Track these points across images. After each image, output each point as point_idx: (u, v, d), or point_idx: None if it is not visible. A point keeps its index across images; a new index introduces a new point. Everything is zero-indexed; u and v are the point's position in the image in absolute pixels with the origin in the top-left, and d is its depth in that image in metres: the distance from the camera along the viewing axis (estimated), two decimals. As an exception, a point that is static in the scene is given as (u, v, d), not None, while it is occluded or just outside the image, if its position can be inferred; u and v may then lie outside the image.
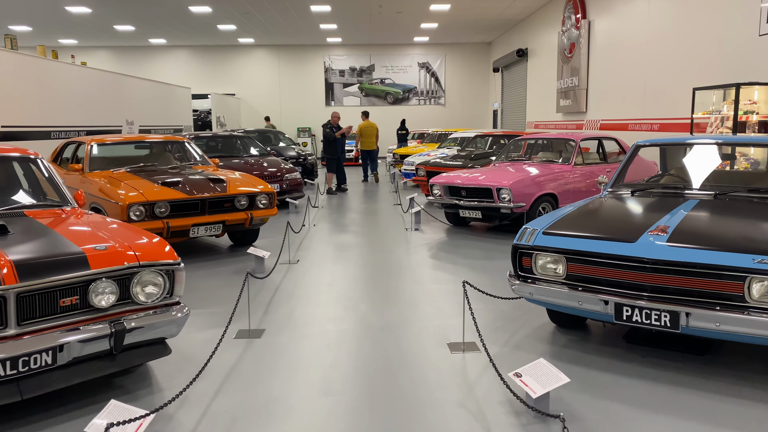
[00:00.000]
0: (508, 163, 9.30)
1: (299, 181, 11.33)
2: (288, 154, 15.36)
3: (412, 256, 7.13)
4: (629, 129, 12.54)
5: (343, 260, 6.98)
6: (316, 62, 26.67)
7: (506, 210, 7.82)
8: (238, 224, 7.10)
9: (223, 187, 7.03)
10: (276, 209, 7.39)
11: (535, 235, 3.96)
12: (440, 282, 5.91)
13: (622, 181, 5.23)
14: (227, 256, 7.25)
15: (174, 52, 26.39)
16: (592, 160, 9.24)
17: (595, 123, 14.53)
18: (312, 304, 5.25)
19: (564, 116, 16.72)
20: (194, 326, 4.69)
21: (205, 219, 6.80)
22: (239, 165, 11.06)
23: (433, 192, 8.71)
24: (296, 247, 7.73)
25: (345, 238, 8.32)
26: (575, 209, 4.43)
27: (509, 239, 8.01)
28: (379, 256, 7.12)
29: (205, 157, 8.61)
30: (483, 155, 11.67)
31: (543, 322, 4.61)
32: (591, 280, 3.75)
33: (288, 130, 26.33)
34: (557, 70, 16.80)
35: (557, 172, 8.39)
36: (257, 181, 7.46)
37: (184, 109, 19.73)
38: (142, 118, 15.61)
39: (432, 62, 26.85)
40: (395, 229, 8.99)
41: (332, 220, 9.99)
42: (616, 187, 5.12)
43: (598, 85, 14.37)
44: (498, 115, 24.87)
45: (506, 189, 7.76)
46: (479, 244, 7.74)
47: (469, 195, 8.21)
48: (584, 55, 14.92)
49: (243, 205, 7.12)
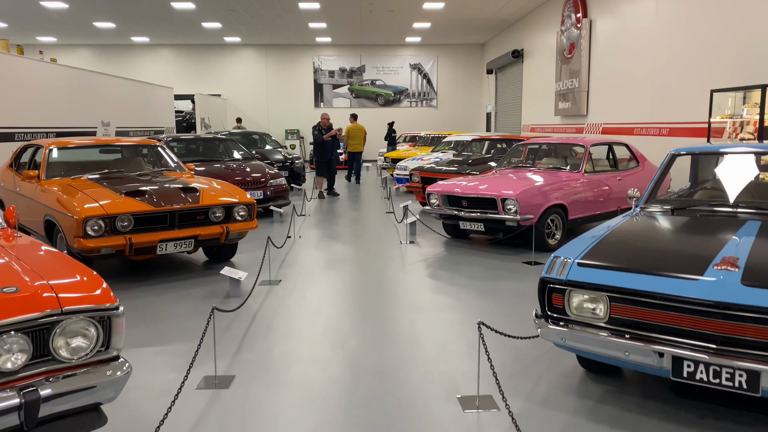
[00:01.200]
0: (511, 170, 8.56)
1: (285, 187, 10.54)
2: (274, 158, 14.54)
3: (409, 274, 6.36)
4: (635, 133, 11.85)
5: (331, 280, 6.19)
6: (304, 63, 25.87)
7: (512, 222, 7.07)
8: (213, 239, 6.30)
9: (195, 198, 6.23)
10: (256, 222, 6.59)
11: (569, 267, 3.20)
12: (442, 309, 5.14)
13: (656, 196, 4.49)
14: (200, 274, 6.45)
15: (158, 51, 25.49)
16: (601, 167, 8.53)
17: (596, 127, 13.85)
18: (293, 339, 4.47)
19: (563, 119, 16.03)
20: (151, 370, 3.90)
21: (175, 234, 6.00)
22: (220, 170, 10.25)
23: (430, 201, 7.95)
24: (279, 263, 6.93)
25: (333, 252, 7.54)
26: (610, 232, 3.68)
27: (514, 254, 7.27)
28: (371, 275, 6.34)
29: (179, 162, 7.80)
30: (481, 160, 10.93)
31: (570, 366, 3.86)
32: (641, 325, 3.00)
33: (276, 133, 25.49)
34: (556, 72, 16.12)
35: (566, 181, 7.66)
36: (235, 191, 6.66)
37: (166, 109, 18.87)
38: (120, 119, 14.75)
39: (424, 63, 26.12)
40: (389, 241, 8.22)
41: (320, 230, 9.20)
42: (651, 203, 4.37)
43: (600, 87, 13.69)
44: (491, 117, 24.18)
45: (512, 199, 7.01)
46: (482, 260, 6.99)
47: (471, 205, 7.46)
48: (585, 55, 14.24)
49: (218, 218, 6.33)
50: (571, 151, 9.95)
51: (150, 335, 4.56)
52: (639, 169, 8.92)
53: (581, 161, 8.13)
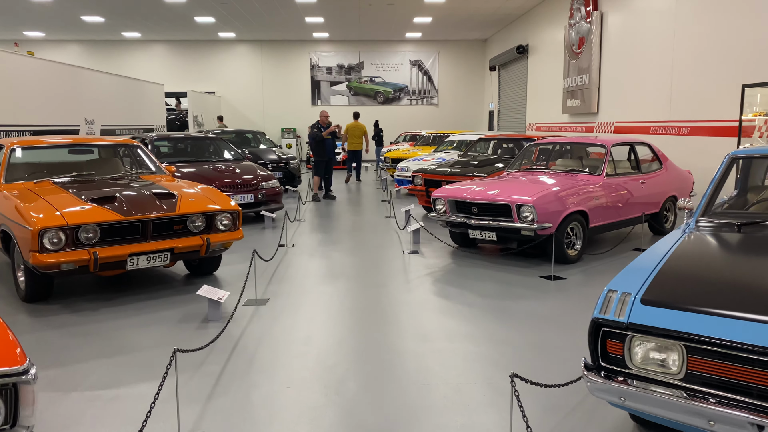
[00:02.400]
0: (524, 172, 7.83)
1: (278, 190, 9.80)
2: (268, 158, 13.80)
3: (413, 292, 5.62)
4: (651, 132, 11.13)
5: (326, 299, 5.46)
6: (301, 59, 25.11)
7: (528, 232, 6.34)
8: (192, 252, 5.56)
9: (171, 205, 5.49)
10: (241, 232, 5.85)
11: (629, 306, 2.48)
12: (455, 338, 4.41)
13: (712, 208, 3.76)
14: (179, 291, 5.71)
15: (150, 47, 24.72)
16: (623, 169, 7.80)
17: (608, 125, 13.12)
18: (279, 379, 3.73)
19: (571, 118, 15.30)
20: (103, 422, 3.16)
21: (148, 246, 5.26)
22: (207, 171, 9.51)
23: (436, 207, 7.22)
24: (268, 277, 6.20)
25: (329, 265, 6.81)
26: (671, 256, 2.94)
27: (529, 267, 6.54)
28: (371, 294, 5.60)
29: (158, 164, 7.06)
30: (489, 162, 10.20)
31: (617, 419, 3.13)
32: (731, 386, 2.27)
33: (271, 132, 24.75)
34: (564, 68, 15.39)
35: (586, 185, 6.93)
36: (218, 197, 5.92)
37: (157, 107, 18.10)
38: (106, 116, 13.98)
39: (424, 60, 25.38)
40: (390, 251, 7.49)
41: (315, 237, 8.46)
42: (708, 217, 3.64)
43: (612, 83, 12.96)
44: (494, 116, 23.46)
45: (529, 206, 6.28)
46: (494, 274, 6.26)
47: (482, 212, 6.73)
48: (596, 50, 13.51)
49: (198, 228, 5.59)
50: (586, 152, 9.23)
51: (110, 373, 3.82)
52: (662, 171, 8.20)
53: (601, 163, 7.41)
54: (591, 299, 5.34)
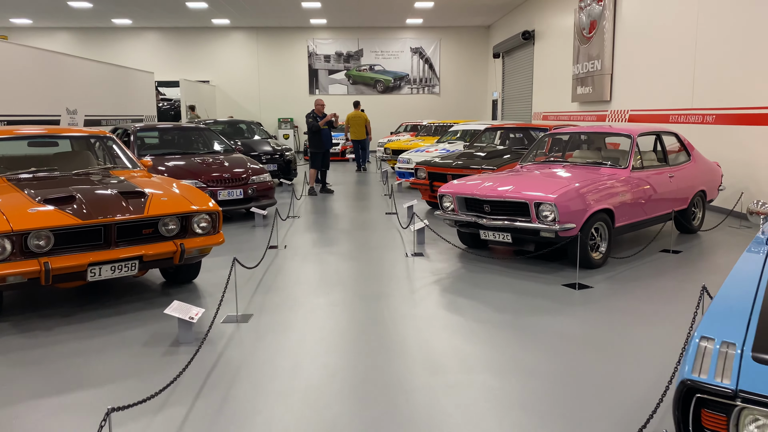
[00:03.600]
0: (539, 165, 7.09)
1: (270, 184, 9.06)
2: (261, 149, 13.06)
3: (420, 305, 4.90)
4: (671, 121, 10.38)
5: (319, 315, 4.73)
6: (298, 46, 24.28)
7: (549, 233, 5.61)
8: (164, 259, 4.84)
9: (140, 206, 4.75)
10: (221, 236, 5.12)
11: (737, 364, 1.74)
12: (472, 368, 3.68)
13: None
14: (150, 303, 4.98)
15: (141, 34, 23.88)
16: (648, 161, 7.06)
17: (621, 114, 12.36)
18: (257, 429, 3.01)
19: (581, 106, 14.54)
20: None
21: (111, 254, 4.53)
22: (193, 165, 8.78)
23: (443, 204, 6.48)
24: (253, 287, 5.47)
25: (324, 270, 6.08)
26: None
27: (548, 272, 5.81)
28: (371, 308, 4.88)
29: (132, 157, 6.32)
30: (497, 153, 9.45)
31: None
32: None
33: (268, 122, 23.98)
34: (573, 54, 14.60)
35: (611, 180, 6.19)
36: (195, 195, 5.18)
37: (147, 96, 17.32)
38: (90, 106, 13.23)
39: (426, 47, 24.55)
40: (392, 253, 6.77)
41: (309, 237, 7.74)
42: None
43: (626, 69, 12.18)
44: (498, 105, 22.67)
45: (549, 204, 5.54)
46: (510, 282, 5.53)
47: (495, 211, 5.99)
48: (608, 34, 12.73)
49: (171, 231, 4.86)
50: (604, 143, 8.49)
51: (42, 422, 3.10)
52: (690, 163, 7.46)
53: (626, 155, 6.67)
54: (625, 314, 4.61)
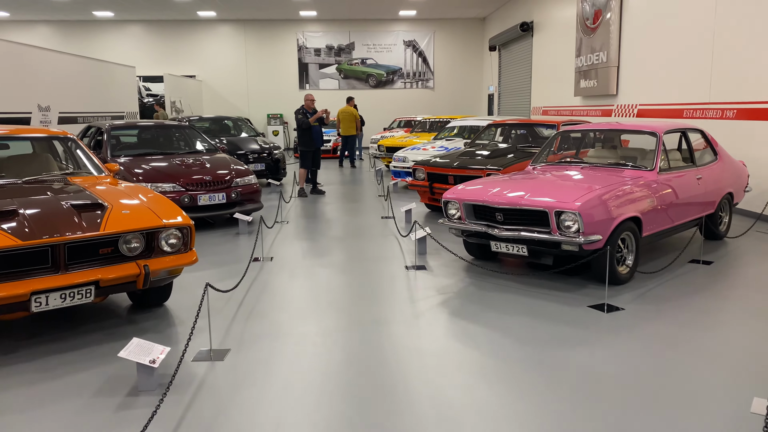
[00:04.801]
0: (554, 166, 6.39)
1: (255, 187, 8.32)
2: (248, 148, 12.33)
3: (426, 336, 4.19)
4: (685, 116, 9.71)
5: (307, 350, 4.01)
6: (287, 40, 23.46)
7: (572, 246, 4.91)
8: (125, 284, 4.10)
9: (94, 221, 4.01)
10: (194, 254, 4.38)
11: None
12: (494, 425, 2.98)
13: None
14: (110, 334, 4.25)
15: (124, 27, 22.97)
16: (675, 162, 6.37)
17: (629, 108, 11.69)
18: None
19: (584, 100, 13.86)
20: None
21: (60, 280, 3.79)
22: (171, 167, 8.03)
23: (448, 212, 5.77)
24: (231, 313, 4.74)
25: (314, 290, 5.37)
26: None
27: (569, 289, 5.12)
28: (368, 340, 4.16)
29: (97, 161, 5.57)
30: (502, 152, 8.75)
31: None
32: None
33: (257, 118, 23.19)
34: (576, 45, 13.91)
35: (636, 183, 5.50)
36: (165, 207, 4.44)
37: (128, 92, 16.50)
38: (65, 102, 12.41)
39: (419, 40, 23.79)
40: (390, 265, 6.05)
41: (298, 246, 7.01)
42: None
43: (634, 61, 11.51)
44: (494, 99, 21.97)
45: (572, 213, 4.85)
46: (527, 302, 4.83)
47: (509, 219, 5.29)
48: (615, 24, 12.04)
49: (134, 251, 4.12)
50: (619, 140, 7.81)
51: None
52: (717, 162, 6.79)
53: (651, 155, 5.98)
54: (669, 345, 3.92)
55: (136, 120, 10.65)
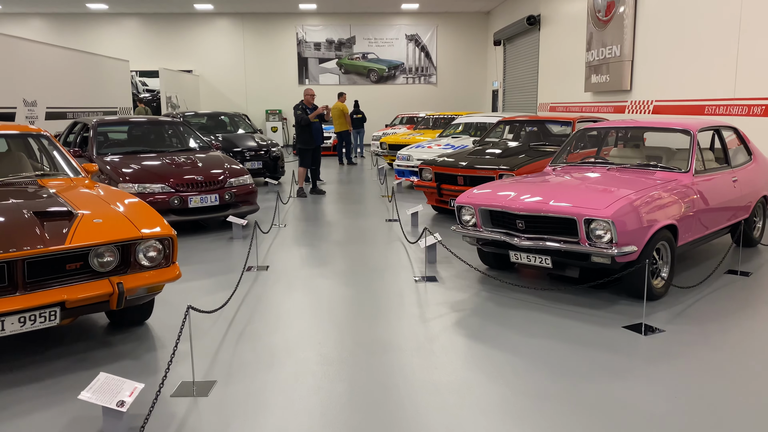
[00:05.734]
0: (575, 167, 5.85)
1: (251, 188, 7.79)
2: (245, 145, 11.79)
3: (442, 367, 3.64)
4: (706, 113, 9.17)
5: (306, 384, 3.48)
6: (287, 34, 22.88)
7: (603, 259, 4.37)
8: (97, 304, 3.57)
9: (60, 232, 3.48)
10: (176, 268, 3.84)
11: None
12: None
13: None
14: (84, 359, 3.71)
15: (120, 21, 22.39)
16: (709, 162, 5.82)
17: (644, 105, 11.15)
18: None
19: (595, 96, 13.31)
20: None
21: (18, 302, 3.25)
22: (160, 167, 7.49)
23: (462, 218, 5.23)
24: (219, 334, 4.20)
25: (312, 308, 4.83)
26: None
27: (598, 305, 4.59)
28: (376, 371, 3.62)
29: (72, 161, 5.04)
30: (514, 151, 8.21)
31: None
32: None
33: (255, 114, 22.65)
34: (587, 39, 13.36)
35: (671, 187, 4.96)
36: (144, 216, 3.90)
37: (121, 87, 15.96)
38: (53, 97, 11.88)
39: (422, 35, 23.22)
40: (398, 276, 5.52)
41: (296, 255, 6.48)
42: None
43: (650, 55, 10.96)
44: (498, 95, 21.42)
45: (604, 221, 4.31)
46: (553, 321, 4.30)
47: (530, 227, 4.75)
48: (629, 16, 11.49)
49: (107, 265, 3.58)
50: (642, 139, 7.28)
51: None
52: (752, 163, 6.25)
53: (685, 155, 5.45)
54: (722, 376, 3.39)
55: (124, 116, 10.09)
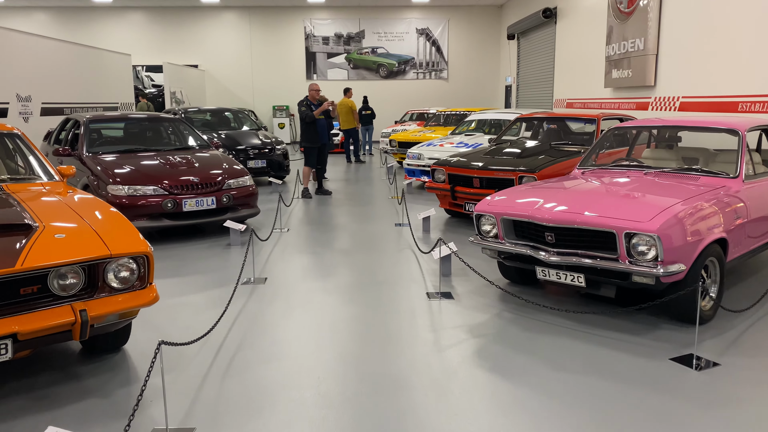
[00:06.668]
0: (610, 171, 5.26)
1: (251, 190, 7.26)
2: (249, 143, 11.26)
3: (462, 409, 3.09)
4: (740, 110, 8.55)
5: (302, 430, 2.94)
6: (294, 27, 22.32)
7: (647, 279, 3.80)
8: (58, 334, 3.04)
9: (12, 251, 2.95)
10: (153, 291, 3.30)
11: None
12: None
13: None
14: (44, 397, 3.19)
15: (125, 14, 21.90)
16: (757, 166, 5.23)
17: (670, 101, 10.52)
18: None
19: (616, 92, 12.68)
20: None
21: (-41, 335, 2.74)
22: (153, 167, 6.97)
23: (482, 228, 4.67)
24: (205, 365, 3.67)
25: (313, 332, 4.29)
26: None
27: (633, 327, 4.02)
28: (384, 417, 3.07)
29: (46, 162, 4.52)
30: (534, 151, 7.63)
31: None
32: None
33: (262, 110, 22.14)
34: (607, 32, 12.72)
35: (718, 195, 4.37)
36: (118, 230, 3.37)
37: (123, 81, 15.47)
38: (49, 92, 11.39)
39: (433, 28, 22.59)
40: (409, 292, 4.97)
41: (298, 265, 5.94)
42: None
43: (676, 48, 10.32)
44: (512, 91, 20.78)
45: (649, 236, 3.73)
46: (589, 350, 3.74)
47: (561, 240, 4.18)
48: (654, 8, 10.85)
49: (70, 289, 3.06)
50: (678, 139, 6.68)
51: None
52: (800, 167, 5.64)
53: (732, 158, 4.86)
54: (803, 430, 2.82)
55: (117, 112, 9.54)
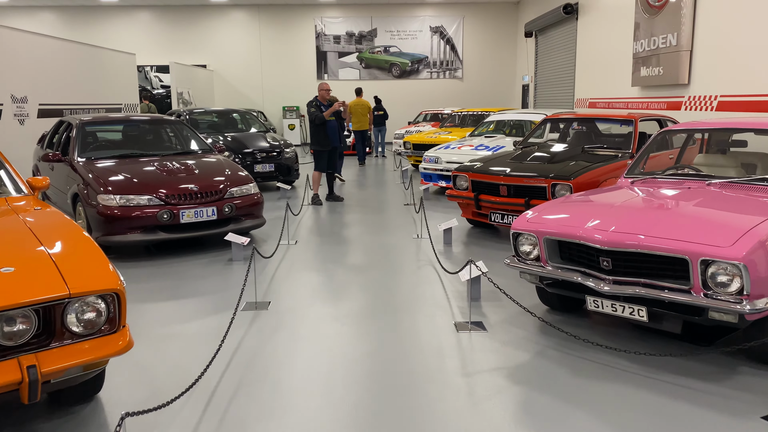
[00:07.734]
0: (666, 182, 4.58)
1: (256, 198, 6.64)
2: (257, 145, 10.68)
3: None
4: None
5: None
6: (305, 26, 21.73)
7: (729, 316, 3.13)
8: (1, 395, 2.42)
9: (-59, 293, 2.33)
10: (125, 336, 2.67)
11: None
12: None
13: None
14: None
15: (132, 13, 21.41)
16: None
17: (706, 101, 9.79)
18: None
19: (644, 91, 11.95)
20: None
21: None
22: (150, 174, 6.37)
23: (520, 248, 4.01)
24: (192, 421, 3.04)
25: (320, 373, 3.65)
26: None
27: (702, 370, 3.35)
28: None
29: (15, 175, 3.91)
30: (565, 155, 6.94)
31: None
32: None
33: (272, 111, 21.58)
34: (634, 28, 12.00)
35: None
36: (83, 261, 2.74)
37: (127, 82, 14.93)
38: (47, 93, 10.84)
39: (447, 26, 21.91)
40: (433, 320, 4.32)
41: (305, 285, 5.30)
42: None
43: (713, 44, 9.59)
44: (529, 90, 20.07)
45: (733, 263, 3.06)
46: (652, 400, 3.08)
47: (619, 265, 3.51)
48: (688, 1, 10.12)
49: (20, 336, 2.44)
50: (728, 143, 5.97)
51: None
52: None
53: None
54: None
55: (113, 115, 8.97)
